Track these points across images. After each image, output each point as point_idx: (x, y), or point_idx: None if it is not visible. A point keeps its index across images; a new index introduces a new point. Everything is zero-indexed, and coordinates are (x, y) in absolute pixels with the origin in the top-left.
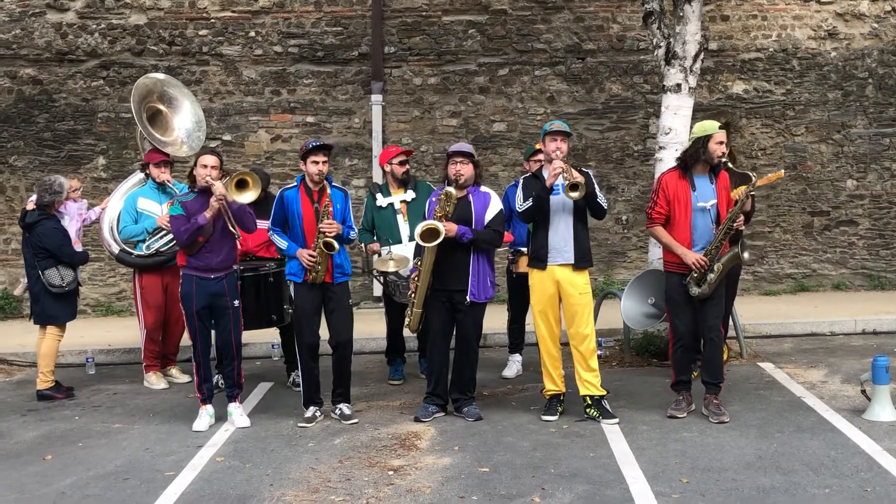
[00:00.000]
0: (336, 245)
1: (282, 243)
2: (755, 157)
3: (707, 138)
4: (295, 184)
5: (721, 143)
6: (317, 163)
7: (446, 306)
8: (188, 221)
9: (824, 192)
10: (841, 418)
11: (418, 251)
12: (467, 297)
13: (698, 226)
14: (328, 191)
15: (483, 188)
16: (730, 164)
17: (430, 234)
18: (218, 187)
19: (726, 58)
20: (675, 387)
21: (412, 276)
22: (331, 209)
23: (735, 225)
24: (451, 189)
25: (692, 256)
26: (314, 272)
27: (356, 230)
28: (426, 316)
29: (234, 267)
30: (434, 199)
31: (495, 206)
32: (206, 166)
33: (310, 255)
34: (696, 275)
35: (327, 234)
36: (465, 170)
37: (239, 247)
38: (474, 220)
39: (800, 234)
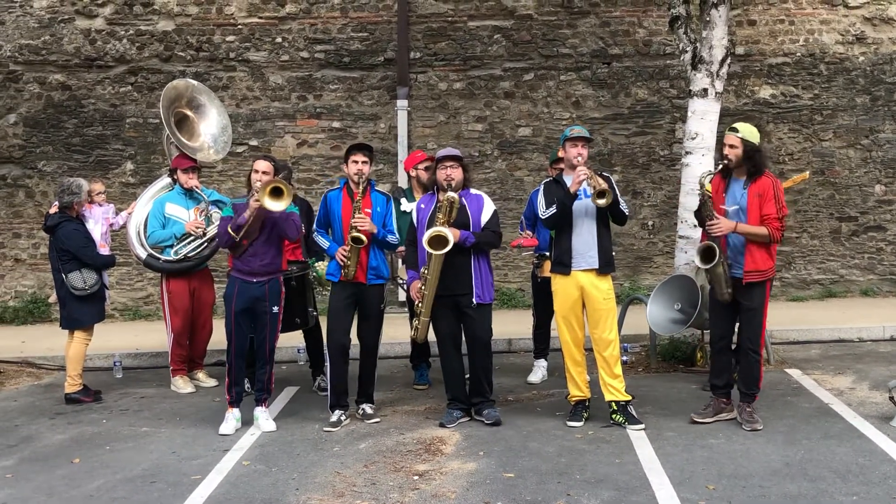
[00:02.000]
0: (363, 239)
1: (324, 243)
2: (782, 163)
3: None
4: (339, 186)
5: (724, 145)
6: (356, 162)
7: (452, 311)
8: None
9: (852, 198)
10: (869, 425)
11: (412, 261)
12: (473, 300)
13: None
14: (369, 192)
15: (473, 191)
16: (727, 165)
17: (437, 241)
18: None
19: (753, 62)
20: (711, 390)
21: (418, 284)
22: (367, 205)
23: (711, 230)
24: (454, 194)
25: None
26: (345, 268)
27: (398, 237)
28: (433, 324)
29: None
30: (422, 205)
31: (489, 207)
32: (257, 171)
33: (342, 250)
34: None
35: (358, 227)
36: (455, 173)
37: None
38: (471, 223)
39: (827, 239)
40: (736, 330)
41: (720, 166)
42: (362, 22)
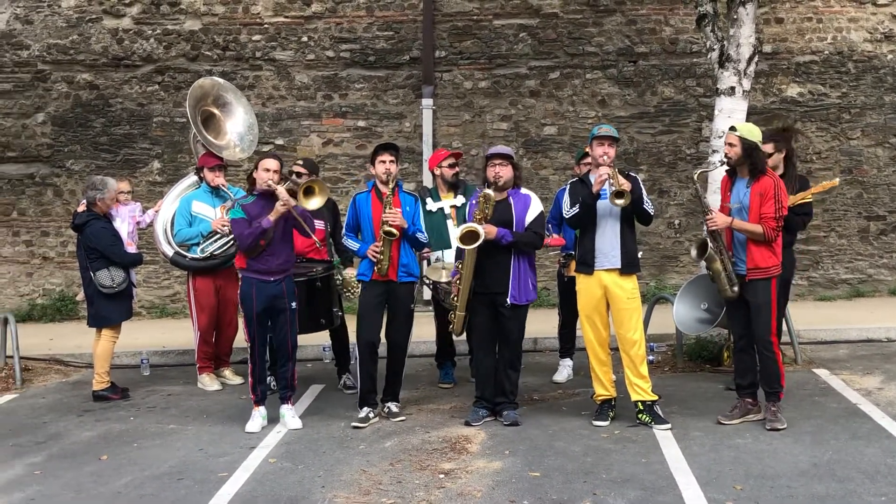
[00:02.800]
0: (395, 232)
1: (354, 245)
2: (810, 161)
3: None
4: (367, 188)
5: (724, 144)
6: (384, 162)
7: (489, 309)
8: (249, 225)
9: (880, 197)
10: None
11: (459, 254)
12: (508, 300)
13: None
14: (397, 193)
15: (523, 190)
16: (727, 163)
17: (469, 236)
18: (282, 192)
19: (781, 60)
20: (736, 391)
21: (454, 279)
22: (396, 204)
23: (707, 224)
24: (489, 191)
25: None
26: (379, 263)
27: (426, 235)
28: (470, 320)
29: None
30: (474, 200)
31: (535, 207)
32: (268, 170)
33: (374, 246)
34: None
35: (391, 222)
36: (504, 171)
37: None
38: (515, 222)
39: (855, 238)
40: None
41: (718, 164)
42: (388, 21)
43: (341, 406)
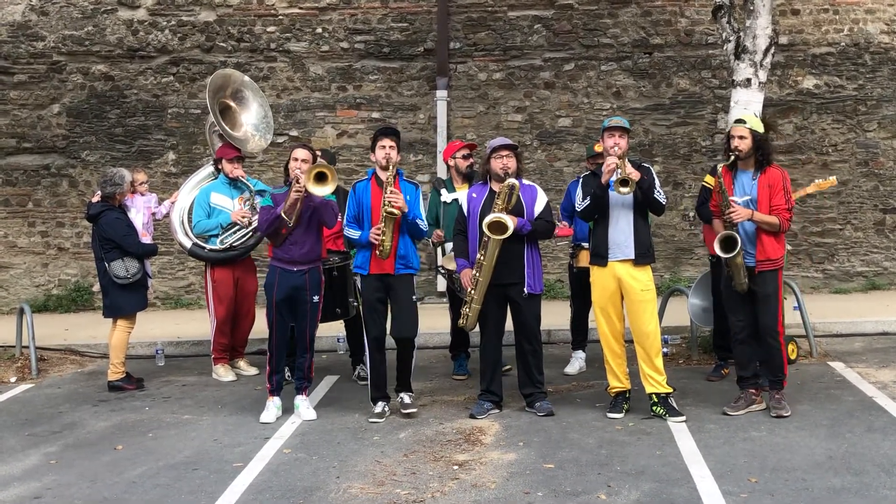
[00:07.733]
0: (396, 211)
1: (354, 234)
2: (826, 154)
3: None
4: (366, 176)
5: (732, 137)
6: (384, 147)
7: (499, 301)
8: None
9: None
10: None
11: (462, 250)
12: (525, 290)
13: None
14: (398, 181)
15: (526, 181)
16: (737, 156)
17: (497, 227)
18: (301, 179)
19: (797, 52)
20: (739, 383)
21: (470, 273)
22: (397, 182)
23: (731, 217)
24: (514, 180)
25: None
26: (381, 245)
27: (426, 223)
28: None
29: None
30: (475, 195)
31: (542, 197)
32: (296, 159)
33: (375, 229)
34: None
35: (393, 203)
36: (511, 163)
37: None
38: (525, 212)
39: (871, 231)
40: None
41: (731, 158)
42: (402, 12)
43: (356, 397)
